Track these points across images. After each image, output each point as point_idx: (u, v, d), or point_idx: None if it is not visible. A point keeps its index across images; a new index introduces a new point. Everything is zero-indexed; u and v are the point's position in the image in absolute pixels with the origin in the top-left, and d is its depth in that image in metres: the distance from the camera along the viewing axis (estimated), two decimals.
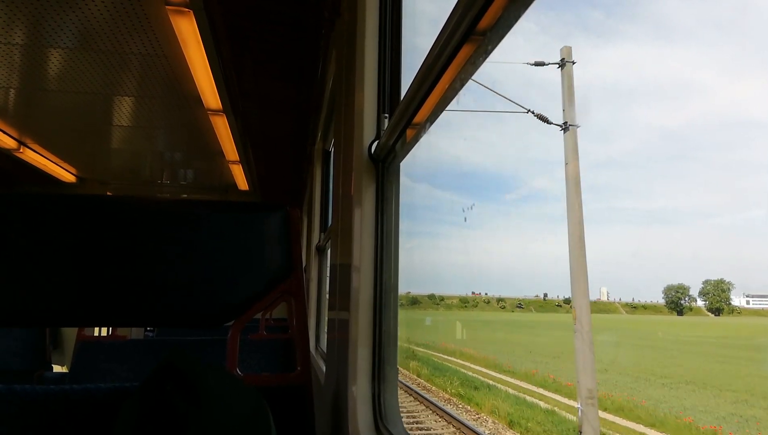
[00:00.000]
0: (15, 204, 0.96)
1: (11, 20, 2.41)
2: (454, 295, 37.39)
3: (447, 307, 36.39)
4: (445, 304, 36.79)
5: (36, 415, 0.90)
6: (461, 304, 36.01)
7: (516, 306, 32.25)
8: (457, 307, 36.07)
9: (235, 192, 5.97)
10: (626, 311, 24.38)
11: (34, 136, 4.18)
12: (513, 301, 33.18)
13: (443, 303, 36.92)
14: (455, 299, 36.87)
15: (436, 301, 36.65)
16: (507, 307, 33.19)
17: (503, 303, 33.99)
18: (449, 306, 36.44)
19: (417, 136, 1.17)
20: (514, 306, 32.60)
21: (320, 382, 2.05)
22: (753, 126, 24.62)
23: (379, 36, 1.44)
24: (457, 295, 37.14)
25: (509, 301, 33.73)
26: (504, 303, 33.96)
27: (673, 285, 17.81)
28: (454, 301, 36.78)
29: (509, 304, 33.28)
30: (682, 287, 17.41)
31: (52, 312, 0.94)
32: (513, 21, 0.73)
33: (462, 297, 36.73)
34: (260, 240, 1.07)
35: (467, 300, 36.27)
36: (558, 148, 4.38)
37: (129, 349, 2.10)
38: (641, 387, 11.35)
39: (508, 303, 33.60)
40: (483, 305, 35.12)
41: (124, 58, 2.80)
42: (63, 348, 5.08)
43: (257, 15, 2.59)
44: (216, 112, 3.44)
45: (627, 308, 24.46)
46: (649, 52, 37.16)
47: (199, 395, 0.75)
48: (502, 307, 33.56)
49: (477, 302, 35.71)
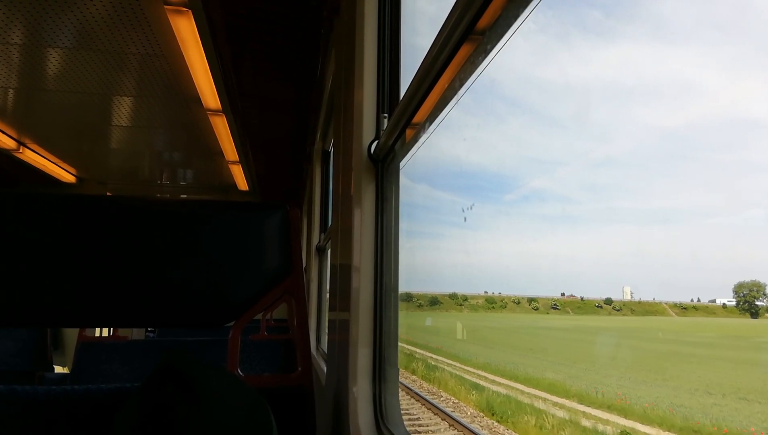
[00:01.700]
0: (15, 204, 0.95)
1: (10, 20, 2.41)
2: (478, 294, 33.94)
3: (472, 308, 33.26)
4: (470, 304, 33.70)
5: (37, 416, 0.90)
6: (488, 304, 32.92)
7: (551, 307, 29.29)
8: (483, 307, 32.90)
9: (235, 192, 5.97)
10: (676, 313, 21.68)
11: (34, 136, 4.18)
12: (546, 302, 30.17)
13: (467, 304, 33.79)
14: (480, 299, 33.63)
15: (459, 302, 33.69)
16: (540, 308, 30.13)
17: (536, 304, 30.81)
18: (474, 307, 33.25)
19: (416, 136, 1.17)
20: (548, 307, 29.63)
21: (321, 382, 2.05)
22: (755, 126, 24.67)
23: (379, 35, 1.44)
24: (482, 295, 33.81)
25: (542, 301, 30.63)
26: (536, 304, 30.74)
27: (746, 282, 15.09)
28: (480, 301, 33.53)
29: (542, 305, 30.26)
30: (758, 285, 14.55)
31: (53, 312, 0.94)
32: (512, 20, 0.73)
33: (488, 297, 33.54)
34: (260, 240, 1.07)
35: (494, 300, 33.16)
36: (557, 148, 4.33)
37: (130, 350, 2.10)
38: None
39: (541, 304, 30.47)
40: (512, 306, 31.91)
41: (123, 58, 2.79)
42: (64, 349, 5.08)
43: (256, 15, 2.59)
44: (215, 112, 3.44)
45: (676, 309, 21.79)
46: (648, 52, 37.19)
47: (200, 396, 0.75)
48: (534, 309, 30.39)
49: (506, 303, 32.50)
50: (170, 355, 0.80)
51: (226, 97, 3.14)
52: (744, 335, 14.53)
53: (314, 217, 4.17)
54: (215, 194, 6.20)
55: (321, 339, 3.81)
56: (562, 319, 26.75)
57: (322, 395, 1.80)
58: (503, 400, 11.08)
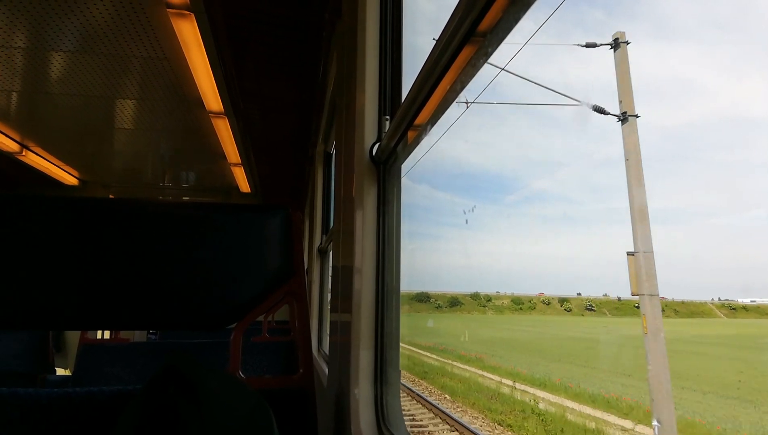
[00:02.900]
0: (17, 206, 0.96)
1: (13, 24, 2.42)
2: (504, 293, 30.00)
3: (497, 309, 29.50)
4: (494, 305, 30.16)
5: (39, 419, 0.90)
6: (514, 305, 29.42)
7: (586, 308, 26.17)
8: (508, 309, 29.36)
9: (237, 194, 5.98)
10: (724, 314, 19.30)
11: (37, 139, 4.19)
12: (580, 302, 26.96)
13: (491, 304, 30.34)
14: (506, 300, 29.96)
15: (482, 302, 30.39)
16: (574, 309, 26.80)
17: (568, 304, 27.51)
18: (499, 308, 29.62)
19: (418, 138, 1.17)
20: (582, 308, 26.41)
21: (323, 384, 2.05)
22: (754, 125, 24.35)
23: (380, 37, 1.44)
24: (507, 295, 29.94)
25: (575, 301, 27.33)
26: (569, 304, 27.44)
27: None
28: (505, 301, 29.92)
29: (576, 306, 26.96)
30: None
31: (55, 315, 0.95)
32: (513, 23, 0.74)
33: (515, 297, 29.63)
34: (262, 242, 1.07)
35: (521, 301, 29.46)
36: (558, 148, 4.31)
37: (132, 352, 2.10)
38: None
39: (575, 304, 27.21)
40: (542, 307, 28.44)
41: (126, 61, 2.80)
42: (66, 351, 5.09)
43: (258, 17, 2.60)
44: (217, 115, 3.45)
45: (724, 310, 19.48)
46: (648, 52, 37.20)
47: (201, 398, 0.75)
48: (567, 310, 27.13)
49: (534, 304, 28.81)
50: (172, 357, 0.81)
51: (228, 99, 3.15)
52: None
53: (316, 219, 4.17)
54: (217, 196, 6.21)
55: (323, 340, 3.81)
56: (610, 323, 23.04)
57: (323, 397, 1.80)
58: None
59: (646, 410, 9.31)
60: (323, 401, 1.73)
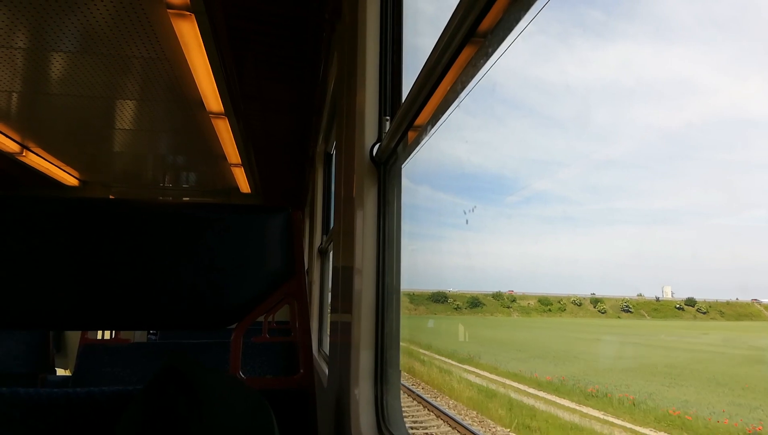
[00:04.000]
0: (18, 207, 0.96)
1: (14, 24, 2.42)
2: (529, 293, 27.58)
3: (523, 311, 27.05)
4: (519, 306, 27.79)
5: (39, 419, 0.90)
6: (541, 306, 26.87)
7: (621, 309, 23.96)
8: (535, 310, 26.86)
9: (238, 195, 5.98)
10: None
11: (37, 139, 4.19)
12: (615, 303, 24.48)
13: (516, 305, 27.98)
14: (532, 300, 27.30)
15: (506, 303, 28.03)
16: (608, 311, 24.51)
17: (602, 305, 24.97)
18: (525, 310, 27.11)
19: (418, 139, 1.17)
20: (618, 309, 24.14)
21: (323, 384, 2.05)
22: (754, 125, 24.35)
23: (381, 38, 1.44)
24: (533, 294, 27.43)
25: (609, 302, 24.87)
26: (603, 305, 24.94)
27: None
28: (531, 302, 27.30)
29: (610, 307, 24.61)
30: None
31: (56, 315, 0.95)
32: (513, 23, 0.74)
33: (542, 297, 27.11)
34: (262, 242, 1.07)
35: (549, 301, 26.88)
36: (558, 149, 4.23)
37: (132, 352, 2.10)
38: None
39: (609, 305, 24.84)
40: (573, 308, 26.07)
41: (126, 62, 2.81)
42: (66, 351, 5.09)
43: (258, 18, 2.60)
44: (218, 115, 3.45)
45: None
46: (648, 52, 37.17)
47: (202, 399, 0.75)
48: (601, 312, 24.62)
49: (564, 305, 26.34)
50: (172, 357, 0.81)
51: (228, 99, 3.15)
52: None
53: (316, 219, 4.17)
54: (218, 197, 6.21)
55: (323, 341, 3.81)
56: (641, 328, 20.35)
57: (323, 397, 1.80)
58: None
59: None
60: (323, 402, 1.73)
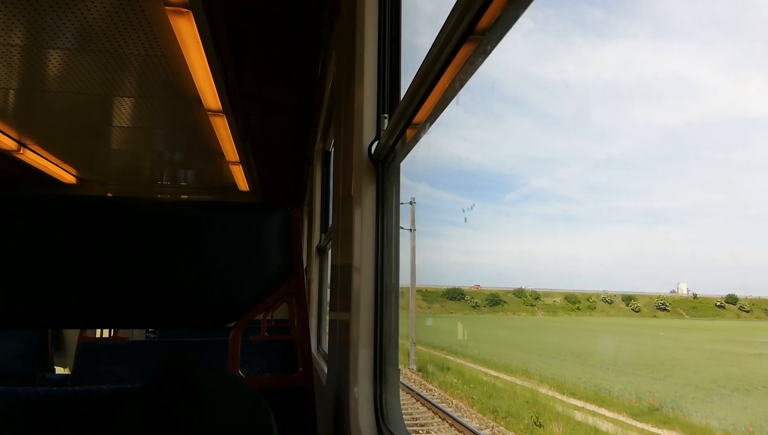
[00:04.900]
0: (15, 205, 0.96)
1: (10, 21, 2.41)
2: (554, 289, 24.93)
3: (548, 309, 24.63)
4: (543, 304, 25.62)
5: (38, 417, 0.90)
6: (568, 304, 24.67)
7: (657, 307, 22.34)
8: (562, 308, 24.66)
9: (236, 193, 5.97)
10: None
11: (34, 137, 4.18)
12: (649, 301, 22.82)
13: (540, 303, 25.86)
14: (558, 297, 24.93)
15: (529, 301, 25.94)
16: (642, 309, 22.89)
17: (635, 303, 23.27)
18: (551, 308, 24.78)
19: (417, 137, 1.17)
20: (653, 307, 22.52)
21: (322, 383, 2.05)
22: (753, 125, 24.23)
23: (379, 36, 1.44)
24: (558, 291, 24.80)
25: (641, 299, 23.14)
26: (636, 304, 23.26)
27: None
28: (557, 299, 25.01)
29: (644, 305, 22.97)
30: None
31: (54, 314, 0.94)
32: (512, 21, 0.73)
33: (569, 294, 24.67)
34: (261, 241, 1.07)
35: (576, 299, 24.63)
36: (557, 148, 4.29)
37: (131, 351, 2.10)
38: None
39: (642, 303, 23.19)
40: (603, 306, 24.03)
41: (124, 59, 2.80)
42: (65, 350, 5.09)
43: (257, 15, 2.59)
44: (216, 113, 3.44)
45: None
46: (648, 51, 37.14)
47: (201, 397, 0.75)
48: (634, 310, 23.00)
49: (594, 302, 24.22)
50: (171, 356, 0.80)
51: (226, 97, 3.14)
52: None
53: (315, 218, 4.17)
54: (216, 195, 6.20)
55: (322, 339, 3.81)
56: (688, 330, 17.27)
57: (322, 396, 1.80)
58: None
59: None
60: (322, 400, 1.73)
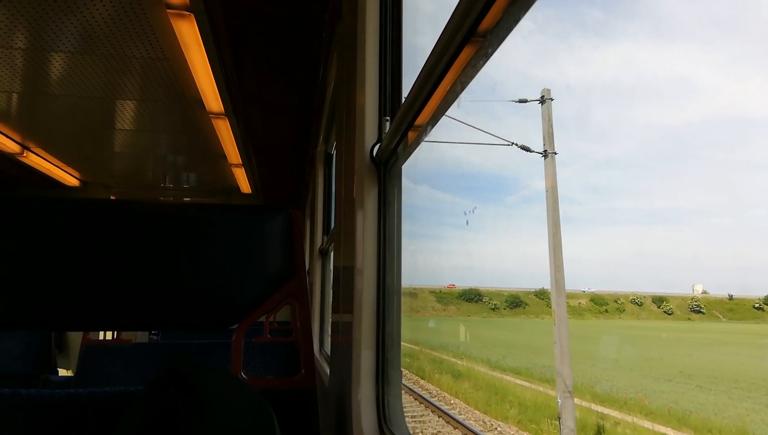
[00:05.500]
0: (19, 208, 0.96)
1: (13, 24, 2.42)
2: (577, 290, 23.57)
3: (574, 312, 22.88)
4: (569, 306, 24.09)
5: (41, 420, 0.90)
6: (595, 306, 23.28)
7: (691, 309, 21.12)
8: (589, 311, 23.18)
9: (238, 195, 5.98)
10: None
11: (37, 140, 4.19)
12: (681, 302, 21.59)
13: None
14: (583, 299, 23.59)
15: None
16: (675, 311, 21.47)
17: (667, 306, 21.87)
18: (577, 310, 23.25)
19: (418, 139, 1.17)
20: (686, 309, 21.32)
21: (324, 384, 2.05)
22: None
23: (380, 38, 1.44)
24: (582, 292, 23.66)
25: (673, 301, 21.71)
26: (669, 306, 21.83)
27: None
28: (582, 301, 23.62)
29: (677, 307, 21.57)
30: None
31: (57, 316, 0.95)
32: (513, 23, 0.73)
33: (595, 295, 23.32)
34: (263, 243, 1.08)
35: (603, 300, 23.24)
36: (557, 148, 4.45)
37: (134, 353, 2.10)
38: None
39: (675, 305, 21.77)
40: (633, 308, 22.76)
41: (126, 62, 2.80)
42: (68, 351, 5.10)
43: (258, 18, 2.60)
44: (218, 116, 3.45)
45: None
46: (648, 51, 37.18)
47: (203, 399, 0.75)
48: (667, 313, 21.63)
49: (622, 304, 23.07)
50: (174, 358, 0.81)
51: (228, 100, 3.15)
52: None
53: (317, 220, 4.17)
54: (218, 197, 6.21)
55: (324, 341, 3.81)
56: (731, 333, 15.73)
57: (325, 398, 1.80)
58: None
59: None
60: (325, 402, 1.73)
